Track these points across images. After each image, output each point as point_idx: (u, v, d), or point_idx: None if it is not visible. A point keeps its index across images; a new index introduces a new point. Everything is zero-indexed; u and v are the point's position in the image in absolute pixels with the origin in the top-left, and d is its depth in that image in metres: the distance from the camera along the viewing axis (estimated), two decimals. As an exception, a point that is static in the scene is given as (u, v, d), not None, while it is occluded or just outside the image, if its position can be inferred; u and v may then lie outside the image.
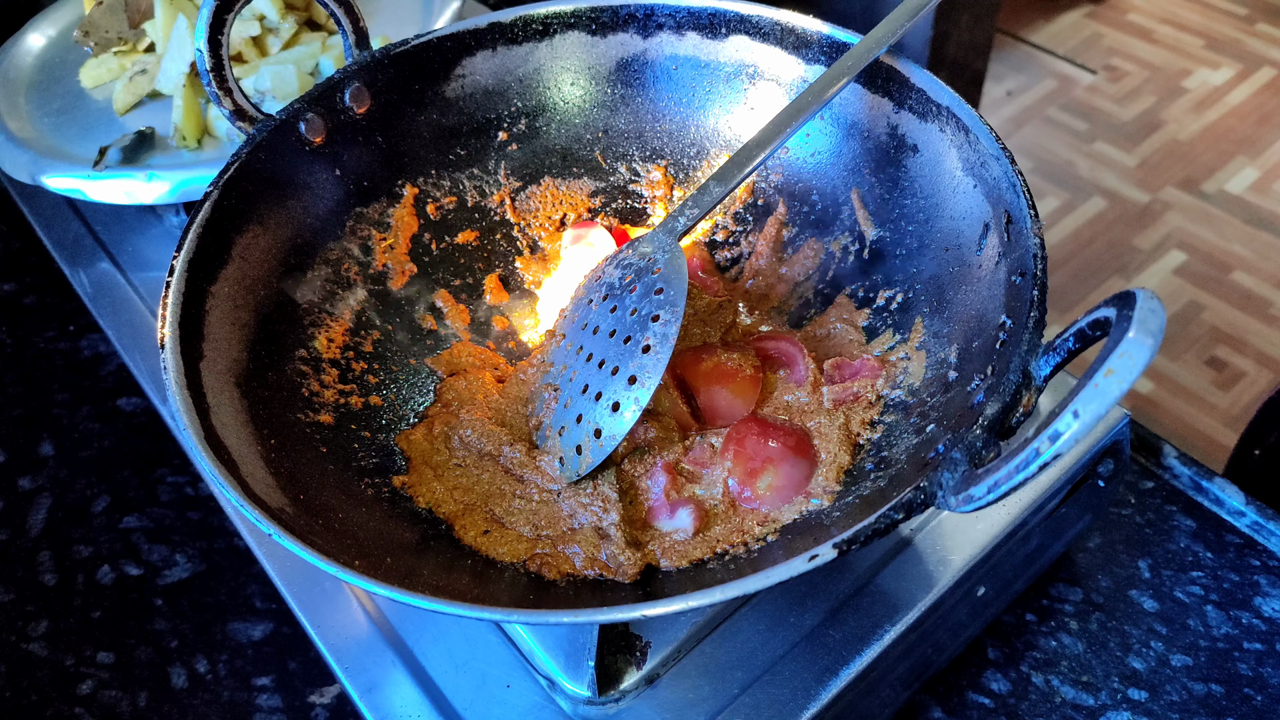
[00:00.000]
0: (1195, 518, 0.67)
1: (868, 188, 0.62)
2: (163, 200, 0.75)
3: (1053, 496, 0.58)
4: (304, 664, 0.64)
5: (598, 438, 0.53)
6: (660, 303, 0.53)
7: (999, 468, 0.37)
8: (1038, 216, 0.47)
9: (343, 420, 0.57)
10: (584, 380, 0.55)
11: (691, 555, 0.51)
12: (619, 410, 0.52)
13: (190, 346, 0.50)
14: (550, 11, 0.66)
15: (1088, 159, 2.45)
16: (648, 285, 0.54)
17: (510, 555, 0.52)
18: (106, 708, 0.63)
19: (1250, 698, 0.58)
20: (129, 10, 0.91)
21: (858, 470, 0.53)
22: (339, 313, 0.61)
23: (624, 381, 0.52)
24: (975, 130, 0.53)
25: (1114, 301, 0.38)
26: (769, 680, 0.52)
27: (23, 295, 0.90)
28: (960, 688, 0.60)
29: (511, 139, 0.68)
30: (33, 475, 0.76)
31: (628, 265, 0.57)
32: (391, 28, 0.93)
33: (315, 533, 0.46)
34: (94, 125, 0.85)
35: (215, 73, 0.58)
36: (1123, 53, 2.76)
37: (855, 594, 0.55)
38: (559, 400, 0.56)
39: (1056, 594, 0.64)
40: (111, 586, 0.69)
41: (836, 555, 0.39)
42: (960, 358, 0.52)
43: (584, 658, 0.50)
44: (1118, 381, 0.34)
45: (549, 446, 0.55)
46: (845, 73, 0.54)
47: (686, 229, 0.56)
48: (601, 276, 0.58)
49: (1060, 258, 2.21)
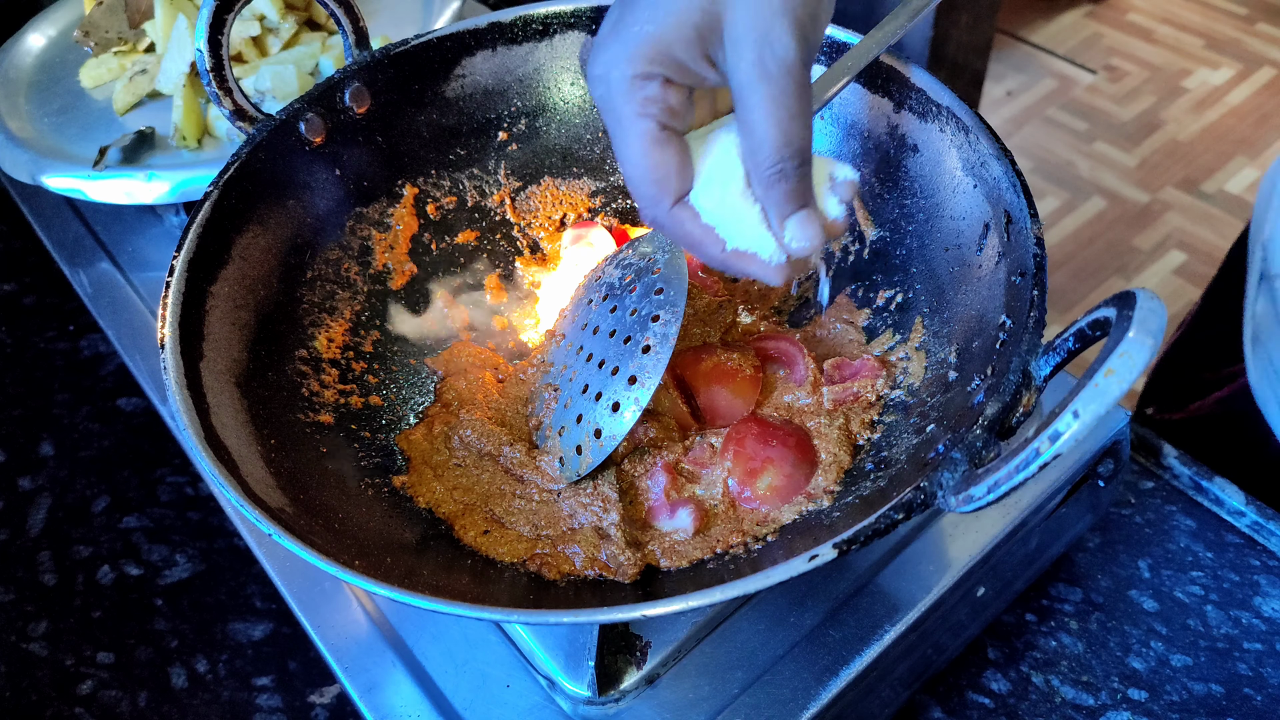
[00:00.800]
0: (1195, 518, 0.67)
1: (868, 188, 0.62)
2: (163, 200, 0.75)
3: (1053, 496, 0.58)
4: (304, 664, 0.64)
5: (598, 438, 0.53)
6: (660, 303, 0.53)
7: (999, 468, 0.37)
8: (1038, 216, 0.47)
9: (343, 420, 0.57)
10: (584, 380, 0.55)
11: (691, 555, 0.51)
12: (619, 410, 0.52)
13: (190, 346, 0.50)
14: (550, 11, 0.66)
15: (1088, 159, 2.45)
16: (648, 285, 0.54)
17: (510, 555, 0.52)
18: (106, 708, 0.63)
19: (1250, 698, 0.58)
20: (129, 10, 0.91)
21: (858, 470, 0.53)
22: (339, 312, 0.61)
23: (624, 382, 0.52)
24: (975, 130, 0.53)
25: (1114, 301, 0.38)
26: (769, 680, 0.52)
27: (23, 295, 0.90)
28: (960, 688, 0.60)
29: (511, 139, 0.68)
30: (33, 475, 0.76)
31: (628, 265, 0.57)
32: (391, 28, 0.93)
33: (315, 533, 0.46)
34: (94, 125, 0.85)
35: (215, 73, 0.58)
36: (1123, 53, 2.76)
37: (855, 594, 0.55)
38: (559, 400, 0.56)
39: (1056, 594, 0.64)
40: (111, 586, 0.69)
41: (836, 555, 0.39)
42: (960, 358, 0.52)
43: (584, 658, 0.50)
44: (1118, 381, 0.34)
45: (549, 446, 0.55)
46: (845, 73, 0.54)
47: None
48: (601, 276, 0.58)
49: (1060, 258, 2.21)
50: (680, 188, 0.45)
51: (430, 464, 0.57)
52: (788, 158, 0.41)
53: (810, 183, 0.44)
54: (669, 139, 0.44)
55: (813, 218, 0.44)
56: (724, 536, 0.52)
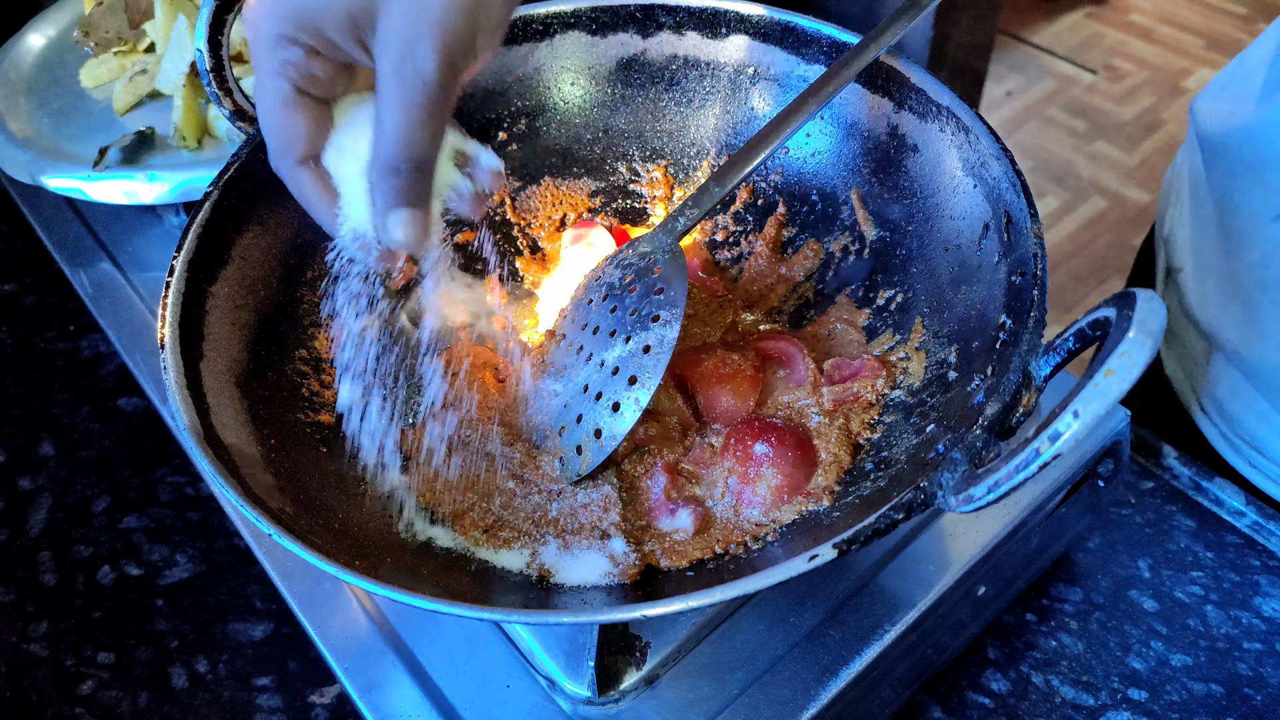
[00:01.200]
0: (1195, 518, 0.67)
1: (868, 188, 0.62)
2: (163, 200, 0.75)
3: (1053, 496, 0.58)
4: (304, 664, 0.64)
5: (598, 438, 0.53)
6: (660, 303, 0.53)
7: (999, 468, 0.37)
8: (1038, 216, 0.47)
9: (343, 420, 0.57)
10: (584, 380, 0.55)
11: (691, 555, 0.51)
12: (619, 411, 0.52)
13: (190, 346, 0.50)
14: (550, 11, 0.66)
15: (1088, 159, 2.45)
16: (648, 285, 0.54)
17: (510, 555, 0.52)
18: (107, 708, 0.63)
19: (1250, 698, 0.58)
20: (129, 10, 0.91)
21: (858, 470, 0.53)
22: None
23: (624, 382, 0.52)
24: (975, 130, 0.53)
25: (1114, 301, 0.38)
26: (769, 680, 0.52)
27: (23, 295, 0.90)
28: (960, 688, 0.60)
29: (511, 139, 0.68)
30: (33, 475, 0.76)
31: (628, 265, 0.57)
32: (391, 28, 0.93)
33: (315, 533, 0.46)
34: (94, 125, 0.85)
35: (215, 73, 0.58)
36: (1123, 53, 2.76)
37: (855, 594, 0.55)
38: (559, 400, 0.56)
39: (1056, 594, 0.64)
40: (112, 586, 0.69)
41: (836, 555, 0.39)
42: (960, 358, 0.52)
43: (584, 658, 0.50)
44: (1118, 381, 0.34)
45: (549, 446, 0.55)
46: (845, 72, 0.54)
47: (686, 229, 0.56)
48: (601, 276, 0.58)
49: (1060, 258, 2.21)
50: (305, 150, 0.46)
51: (430, 463, 0.57)
52: (406, 159, 0.42)
53: (427, 188, 0.44)
54: (303, 104, 0.45)
55: (415, 219, 0.45)
56: (724, 536, 0.52)
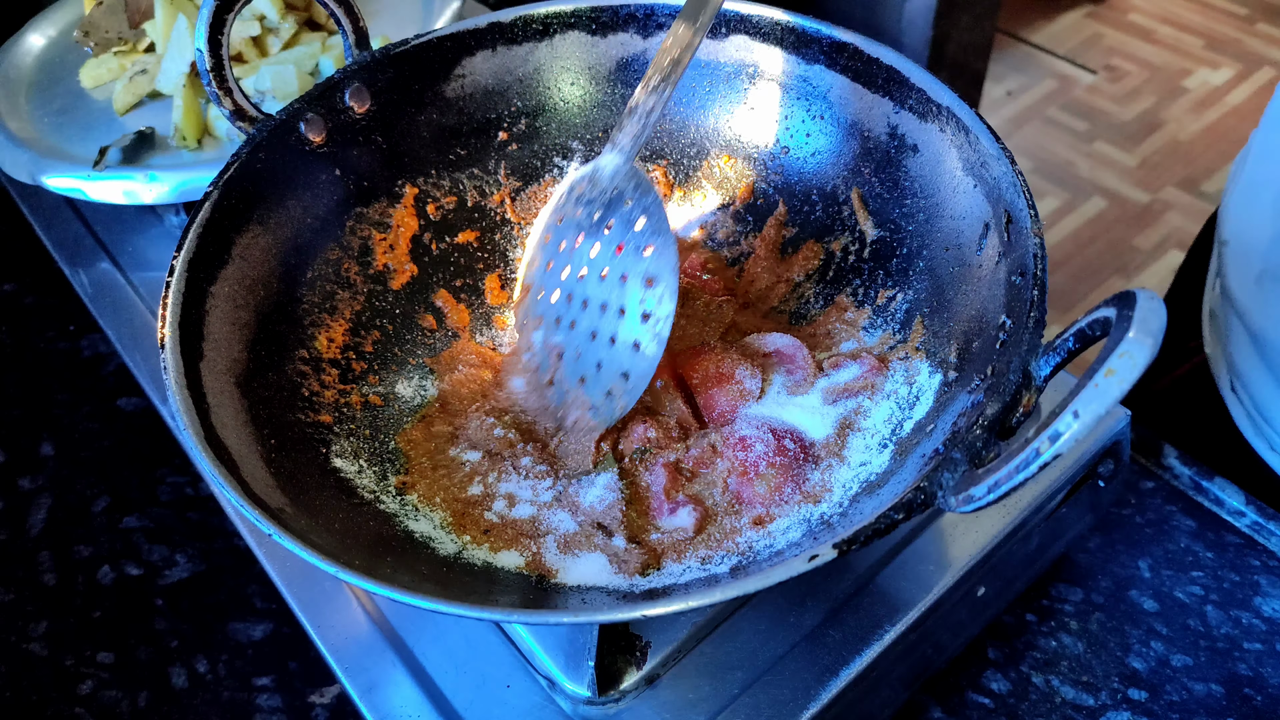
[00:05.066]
0: (1195, 518, 0.67)
1: (868, 188, 0.62)
2: (163, 200, 0.75)
3: (1053, 496, 0.58)
4: (304, 664, 0.64)
5: (626, 380, 0.53)
6: (646, 233, 0.53)
7: (999, 468, 0.37)
8: (1038, 216, 0.47)
9: (342, 420, 0.57)
10: (590, 327, 0.54)
11: (692, 554, 0.51)
12: (640, 348, 0.52)
13: (190, 346, 0.50)
14: (550, 11, 0.66)
15: (1088, 159, 2.45)
16: (624, 218, 0.54)
17: (510, 555, 0.52)
18: (107, 708, 0.63)
19: (1250, 698, 0.58)
20: (129, 10, 0.91)
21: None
22: (339, 313, 0.61)
23: (637, 319, 0.52)
24: (975, 130, 0.53)
25: (1114, 301, 0.38)
26: (769, 680, 0.52)
27: (23, 295, 0.90)
28: (960, 688, 0.60)
29: (511, 139, 0.68)
30: (33, 475, 0.76)
31: (590, 201, 0.56)
32: (391, 28, 0.93)
33: (315, 533, 0.46)
34: (94, 125, 0.85)
35: (215, 73, 0.58)
36: (1123, 53, 2.76)
37: (855, 594, 0.55)
38: (569, 352, 0.56)
39: (1056, 594, 0.64)
40: (111, 586, 0.69)
41: (836, 555, 0.39)
42: (960, 358, 0.52)
43: (584, 658, 0.50)
44: (1118, 382, 0.34)
45: (571, 400, 0.55)
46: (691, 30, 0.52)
47: (635, 149, 0.55)
48: (564, 218, 0.57)
49: (1060, 258, 2.21)
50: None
51: (430, 463, 0.57)
52: None
53: None
54: None
55: None
56: (724, 535, 0.52)
